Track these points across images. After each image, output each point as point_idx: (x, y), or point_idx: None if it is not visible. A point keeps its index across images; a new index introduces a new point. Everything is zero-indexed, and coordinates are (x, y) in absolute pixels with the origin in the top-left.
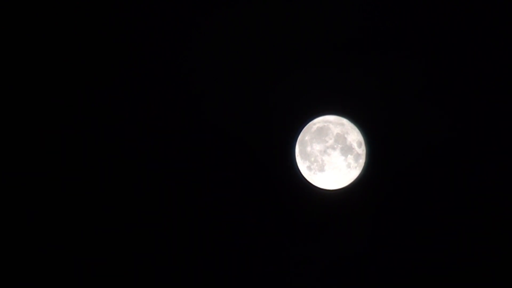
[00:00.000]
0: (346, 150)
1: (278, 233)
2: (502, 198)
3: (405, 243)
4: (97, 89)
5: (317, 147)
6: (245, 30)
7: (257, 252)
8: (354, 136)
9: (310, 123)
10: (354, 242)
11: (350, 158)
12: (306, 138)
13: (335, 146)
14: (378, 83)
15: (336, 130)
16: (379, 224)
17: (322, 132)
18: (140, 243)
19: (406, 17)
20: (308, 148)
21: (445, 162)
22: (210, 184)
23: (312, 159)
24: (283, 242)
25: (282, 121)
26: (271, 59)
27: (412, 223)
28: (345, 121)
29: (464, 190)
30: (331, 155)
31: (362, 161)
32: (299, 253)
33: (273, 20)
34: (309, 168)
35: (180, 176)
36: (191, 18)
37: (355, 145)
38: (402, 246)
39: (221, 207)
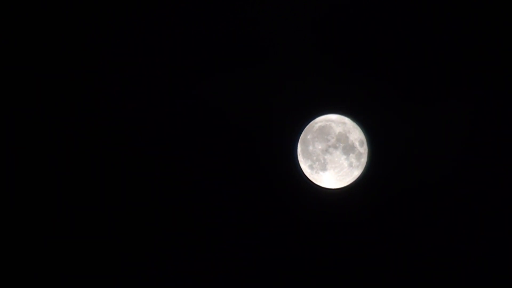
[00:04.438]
0: (348, 149)
1: (280, 232)
2: (503, 198)
3: (407, 242)
4: (94, 87)
5: (319, 146)
6: (246, 29)
7: (258, 251)
8: (356, 135)
9: (312, 122)
10: (356, 241)
11: (352, 157)
12: (308, 137)
13: (337, 145)
14: (380, 82)
15: (338, 129)
16: (381, 223)
17: (324, 131)
18: (140, 243)
19: (408, 17)
20: (310, 147)
21: (447, 161)
22: (212, 183)
23: (314, 158)
24: (285, 241)
25: (284, 120)
26: (272, 58)
27: (414, 222)
28: (347, 120)
29: (466, 189)
30: (333, 154)
31: (364, 160)
32: (301, 253)
33: (275, 19)
34: (311, 167)
35: (181, 176)
36: (192, 17)
37: (357, 144)
38: (404, 245)
39: (222, 206)
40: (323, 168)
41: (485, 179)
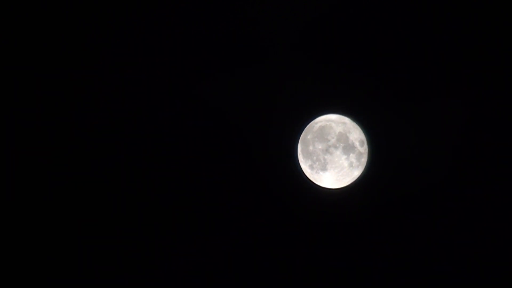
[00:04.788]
0: (348, 149)
1: (280, 232)
2: (504, 198)
3: (407, 242)
4: (94, 87)
5: (319, 146)
6: (246, 29)
7: (258, 251)
8: (356, 135)
9: (312, 122)
10: (356, 241)
11: (352, 157)
12: (308, 137)
13: (337, 145)
14: (380, 82)
15: (338, 129)
16: (381, 223)
17: (324, 131)
18: (140, 243)
19: (409, 17)
20: (310, 147)
21: (448, 160)
22: (211, 183)
23: (314, 158)
24: (285, 241)
25: (284, 120)
26: (272, 58)
27: (414, 221)
28: (347, 120)
29: (467, 189)
30: (333, 154)
31: (364, 160)
32: (301, 253)
33: (275, 19)
34: (311, 167)
35: (180, 177)
36: (192, 17)
37: (357, 144)
38: (404, 245)
39: (222, 206)
40: (323, 168)
41: (485, 179)
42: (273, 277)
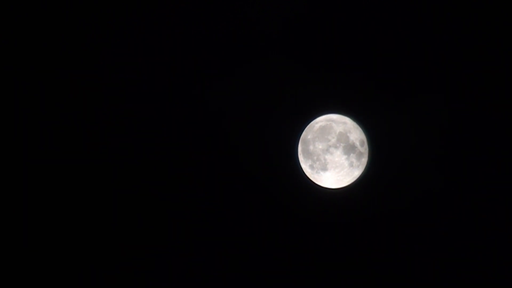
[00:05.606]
0: (349, 148)
1: (280, 232)
2: (504, 197)
3: (407, 242)
4: (94, 87)
5: (319, 145)
6: (246, 29)
7: (258, 251)
8: (356, 134)
9: (313, 121)
10: (356, 241)
11: (353, 156)
12: (309, 136)
13: (338, 144)
14: (380, 82)
15: (338, 128)
16: (381, 223)
17: (324, 130)
18: (139, 244)
19: (409, 17)
20: (311, 147)
21: (448, 160)
22: (211, 183)
23: (315, 157)
24: (285, 241)
25: (285, 119)
26: (273, 58)
27: (414, 222)
28: (347, 119)
29: (467, 189)
30: (333, 153)
31: (364, 160)
32: (301, 252)
33: (276, 19)
34: (312, 166)
35: (179, 176)
36: (192, 17)
37: (357, 143)
38: (404, 245)
39: (222, 206)
40: (324, 168)
41: (486, 179)
42: (273, 277)
